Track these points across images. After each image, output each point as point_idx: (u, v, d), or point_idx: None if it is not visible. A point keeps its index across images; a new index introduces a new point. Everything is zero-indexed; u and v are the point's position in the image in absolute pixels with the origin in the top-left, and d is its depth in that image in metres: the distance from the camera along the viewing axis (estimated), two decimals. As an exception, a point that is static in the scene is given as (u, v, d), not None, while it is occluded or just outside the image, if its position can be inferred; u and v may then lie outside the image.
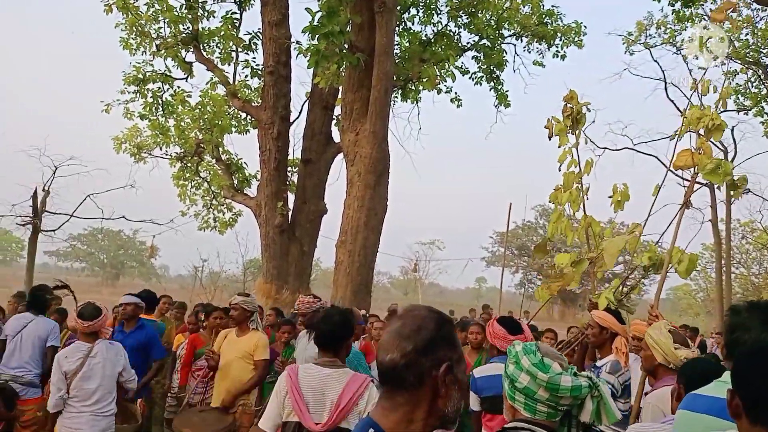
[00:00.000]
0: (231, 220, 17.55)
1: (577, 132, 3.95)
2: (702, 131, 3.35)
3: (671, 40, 18.60)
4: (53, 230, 13.73)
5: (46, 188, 13.18)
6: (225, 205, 17.37)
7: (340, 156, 12.53)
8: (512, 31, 14.38)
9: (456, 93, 14.72)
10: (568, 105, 3.98)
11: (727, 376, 2.05)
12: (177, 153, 16.51)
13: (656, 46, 19.10)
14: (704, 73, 3.73)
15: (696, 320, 30.36)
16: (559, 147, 4.02)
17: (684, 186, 3.75)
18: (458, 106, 14.84)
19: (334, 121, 12.90)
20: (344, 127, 8.53)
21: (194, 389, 5.48)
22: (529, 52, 14.47)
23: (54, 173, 13.50)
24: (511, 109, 14.83)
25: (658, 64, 16.41)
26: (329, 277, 11.62)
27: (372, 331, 6.33)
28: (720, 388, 1.94)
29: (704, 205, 17.67)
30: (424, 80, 11.15)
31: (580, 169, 3.98)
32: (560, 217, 4.07)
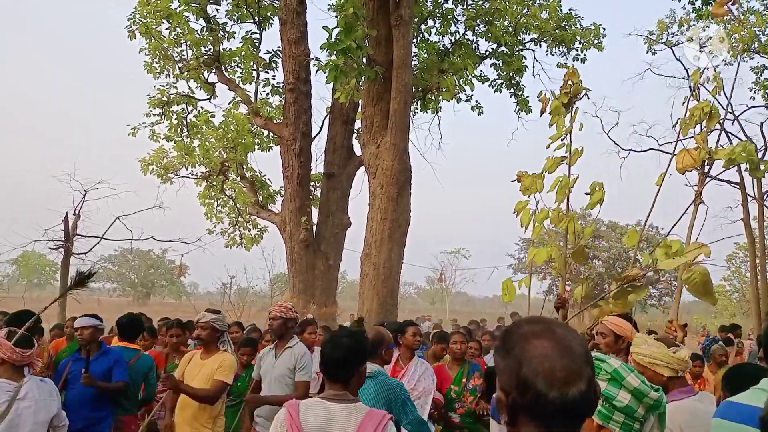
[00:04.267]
0: (257, 236, 17.73)
1: (572, 113, 3.51)
2: (702, 125, 3.20)
3: (693, 38, 18.31)
4: (84, 253, 14.07)
5: (77, 212, 13.54)
6: (250, 222, 17.57)
7: (363, 169, 12.63)
8: (531, 37, 14.34)
9: (476, 101, 14.73)
10: (569, 82, 3.54)
11: (764, 382, 1.99)
12: (202, 172, 16.79)
13: (679, 44, 18.83)
14: (709, 69, 3.51)
15: (732, 321, 29.56)
16: (550, 126, 3.59)
17: (692, 187, 3.54)
18: (479, 114, 14.83)
19: (354, 135, 13.00)
20: (365, 141, 8.60)
21: (157, 414, 4.93)
22: (553, 55, 14.40)
23: (84, 197, 13.87)
24: (533, 114, 14.76)
25: (681, 62, 16.05)
26: (355, 290, 11.66)
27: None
28: (757, 395, 1.88)
29: (735, 203, 17.24)
30: (444, 90, 11.19)
31: (569, 155, 3.47)
32: (524, 206, 3.64)
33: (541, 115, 3.54)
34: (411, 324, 5.01)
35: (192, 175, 16.97)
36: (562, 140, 3.45)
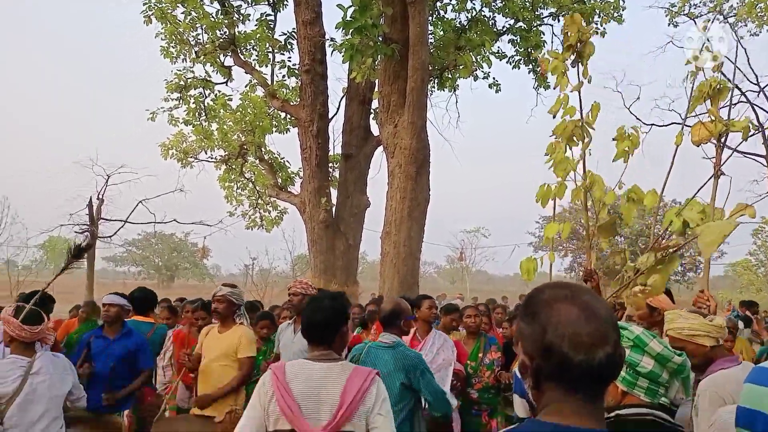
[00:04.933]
0: (277, 218, 17.87)
1: (583, 66, 3.08)
2: (711, 101, 3.01)
3: (717, 8, 17.80)
4: (109, 236, 14.35)
5: (100, 196, 13.78)
6: (270, 204, 17.71)
7: (381, 149, 12.61)
8: (549, 12, 14.06)
9: (494, 78, 14.54)
10: (569, 34, 3.09)
11: None
12: (221, 156, 16.93)
13: (701, 15, 18.32)
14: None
15: (758, 296, 29.12)
16: (554, 88, 3.20)
17: (711, 159, 3.38)
18: (497, 92, 14.65)
19: (372, 115, 12.96)
20: (382, 120, 8.57)
21: (180, 394, 4.98)
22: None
23: (107, 182, 14.11)
24: (552, 90, 14.53)
25: (703, 36, 15.60)
26: (376, 270, 11.73)
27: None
28: None
29: (761, 177, 16.89)
30: (461, 68, 11.06)
31: (581, 115, 3.07)
32: (562, 158, 3.17)
33: (543, 81, 3.26)
34: (426, 297, 4.94)
35: (211, 158, 17.13)
36: (566, 94, 3.10)
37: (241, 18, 13.71)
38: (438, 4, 13.14)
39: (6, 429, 3.14)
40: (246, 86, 14.96)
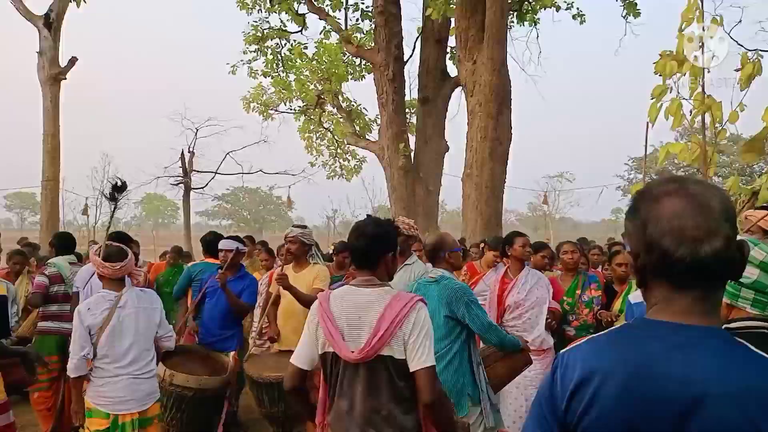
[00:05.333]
0: (356, 167, 18.04)
1: None
2: None
3: None
4: (202, 187, 15.06)
5: (191, 149, 14.42)
6: (350, 153, 17.88)
7: (458, 91, 12.25)
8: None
9: (578, 8, 13.57)
10: None
11: None
12: (300, 107, 17.15)
13: None
14: None
15: None
16: None
17: None
18: (581, 23, 13.69)
19: (448, 56, 12.55)
20: (460, 57, 8.24)
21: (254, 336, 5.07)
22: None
23: (196, 135, 14.70)
24: (642, 18, 13.38)
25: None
26: (455, 218, 11.57)
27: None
28: None
29: None
30: (542, -4, 10.37)
31: (703, 30, 2.85)
32: (664, 92, 3.05)
33: (633, 9, 2.95)
34: (519, 234, 4.68)
35: (290, 110, 17.41)
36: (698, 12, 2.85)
37: (313, -37, 13.52)
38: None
39: (99, 357, 3.34)
40: (320, 33, 14.90)
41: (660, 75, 3.05)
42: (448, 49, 12.34)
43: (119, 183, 3.70)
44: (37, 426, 5.18)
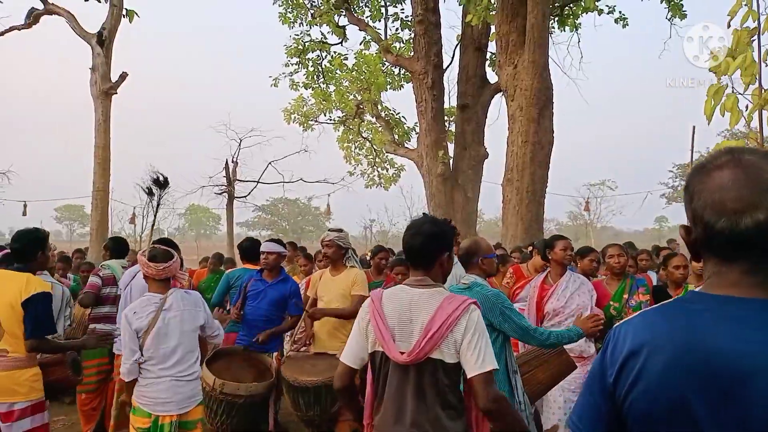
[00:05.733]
0: (394, 175, 18.15)
1: None
2: None
3: None
4: (244, 196, 15.40)
5: (235, 159, 14.79)
6: (387, 162, 18.01)
7: (497, 97, 12.22)
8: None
9: (620, 12, 13.40)
10: None
11: None
12: (339, 117, 17.40)
13: None
14: None
15: None
16: None
17: None
18: (624, 26, 13.50)
19: (487, 62, 12.54)
20: (501, 62, 8.24)
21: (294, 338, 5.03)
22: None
23: (239, 145, 15.08)
24: (687, 20, 13.10)
25: None
26: (492, 228, 11.48)
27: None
28: None
29: None
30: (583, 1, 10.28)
31: (759, 24, 2.73)
32: (721, 91, 2.94)
33: (678, 11, 2.94)
34: (561, 237, 4.53)
35: (330, 120, 17.68)
36: (745, 4, 2.78)
37: (352, -25, 13.77)
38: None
39: (146, 359, 3.37)
40: (360, 44, 15.12)
41: (715, 73, 2.99)
42: (488, 56, 12.33)
43: (161, 178, 3.75)
44: (75, 426, 5.31)
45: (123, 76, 13.93)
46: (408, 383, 2.19)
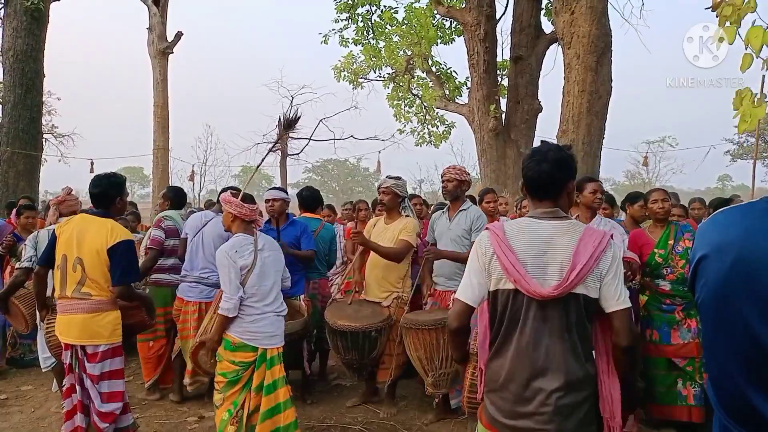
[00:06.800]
0: (445, 132, 17.96)
1: None
2: None
3: None
4: (297, 153, 15.66)
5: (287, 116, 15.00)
6: (438, 119, 17.82)
7: (552, 48, 11.82)
8: None
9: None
10: None
11: None
12: (389, 74, 17.25)
13: None
14: None
15: None
16: None
17: None
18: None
19: (542, 11, 12.11)
20: (557, 8, 7.94)
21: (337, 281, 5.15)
22: None
23: (291, 102, 15.25)
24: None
25: None
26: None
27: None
28: None
29: None
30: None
31: None
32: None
33: None
34: (590, 180, 4.32)
35: (380, 77, 17.57)
36: None
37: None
38: None
39: (247, 297, 3.50)
40: (410, -4, 14.83)
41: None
42: (543, 4, 11.90)
43: (294, 116, 3.91)
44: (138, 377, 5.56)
45: (178, 36, 14.24)
46: (544, 321, 2.07)
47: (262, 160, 4.04)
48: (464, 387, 3.25)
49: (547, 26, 11.75)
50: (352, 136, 16.90)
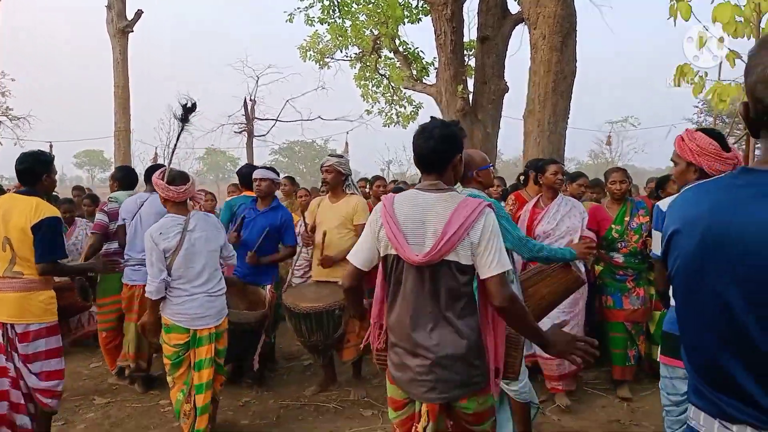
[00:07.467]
0: (412, 113, 17.94)
1: None
2: None
3: None
4: (264, 135, 15.45)
5: (253, 98, 14.76)
6: (405, 99, 17.79)
7: (518, 29, 11.89)
8: None
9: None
10: None
11: None
12: (356, 53, 17.10)
13: None
14: None
15: None
16: None
17: None
18: (652, -50, 12.89)
19: (509, -8, 12.13)
20: (523, -11, 8.00)
21: (293, 268, 5.14)
22: None
23: (257, 82, 14.99)
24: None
25: None
26: (510, 169, 11.42)
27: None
28: None
29: None
30: None
31: None
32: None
33: None
34: (552, 162, 4.59)
35: (346, 57, 17.40)
36: None
37: None
38: None
39: (174, 278, 3.52)
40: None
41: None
42: (509, -15, 11.92)
43: (189, 104, 3.72)
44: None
45: (138, 14, 13.81)
46: (423, 284, 2.26)
47: (173, 152, 3.83)
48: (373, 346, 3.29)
49: (513, 6, 11.79)
50: (319, 117, 16.73)
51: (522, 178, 5.81)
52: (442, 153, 2.31)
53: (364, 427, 4.20)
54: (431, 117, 2.48)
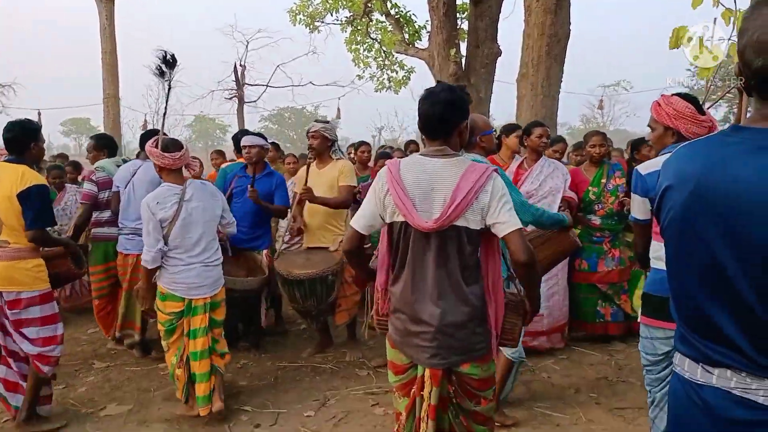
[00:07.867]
0: (404, 78, 17.74)
1: None
2: None
3: None
4: (254, 101, 15.27)
5: (243, 63, 14.53)
6: (397, 64, 17.56)
7: (512, -10, 11.69)
8: None
9: None
10: None
11: None
12: (347, 17, 16.80)
13: None
14: None
15: None
16: None
17: None
18: None
19: (503, -48, 11.90)
20: (517, -51, 7.88)
21: (284, 234, 5.18)
22: None
23: (246, 47, 14.73)
24: None
25: None
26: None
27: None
28: None
29: None
30: None
31: None
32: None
33: None
34: (538, 125, 4.66)
35: (337, 21, 17.10)
36: None
37: None
38: None
39: (171, 248, 3.52)
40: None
41: None
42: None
43: (168, 57, 3.60)
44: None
45: (123, -24, 13.45)
46: (430, 250, 2.25)
47: (164, 117, 3.76)
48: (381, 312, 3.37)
49: (506, -33, 11.59)
50: (310, 83, 16.50)
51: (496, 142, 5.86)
52: (449, 118, 2.27)
53: (360, 386, 4.31)
54: (437, 81, 2.41)
